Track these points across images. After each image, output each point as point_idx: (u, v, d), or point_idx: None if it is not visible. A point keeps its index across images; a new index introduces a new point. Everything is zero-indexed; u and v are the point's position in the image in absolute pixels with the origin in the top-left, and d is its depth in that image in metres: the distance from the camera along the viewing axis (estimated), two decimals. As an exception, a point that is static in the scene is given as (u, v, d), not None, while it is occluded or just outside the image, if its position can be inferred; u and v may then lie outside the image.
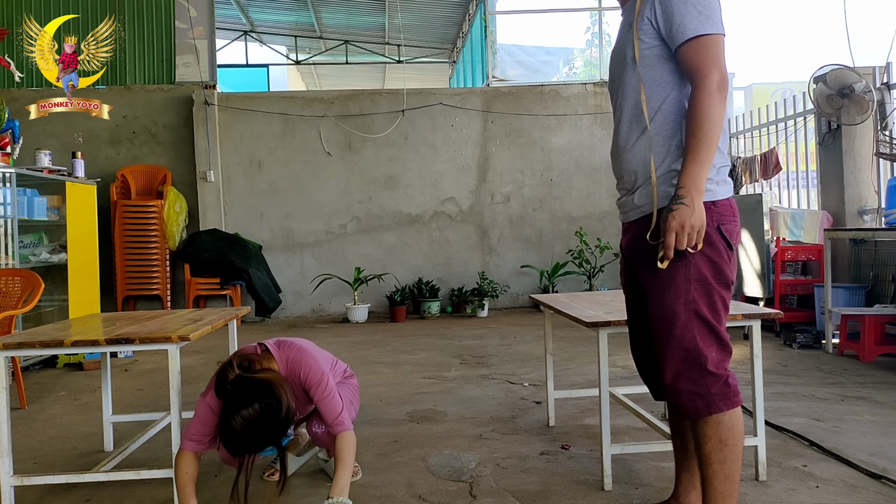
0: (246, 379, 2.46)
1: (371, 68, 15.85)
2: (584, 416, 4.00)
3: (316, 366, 2.73)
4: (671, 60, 2.16)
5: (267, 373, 2.55)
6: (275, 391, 2.44)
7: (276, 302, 8.54)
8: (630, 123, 2.23)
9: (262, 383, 2.45)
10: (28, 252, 6.07)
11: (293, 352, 2.76)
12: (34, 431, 4.08)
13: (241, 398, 2.40)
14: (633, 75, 2.20)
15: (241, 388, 2.43)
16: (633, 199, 2.24)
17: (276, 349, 2.76)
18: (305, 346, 2.83)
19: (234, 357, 2.59)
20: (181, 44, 9.04)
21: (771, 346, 5.91)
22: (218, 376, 2.51)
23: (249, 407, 2.38)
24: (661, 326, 2.16)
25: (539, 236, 9.20)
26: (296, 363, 2.72)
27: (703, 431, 2.18)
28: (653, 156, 2.17)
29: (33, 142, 7.05)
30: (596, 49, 9.88)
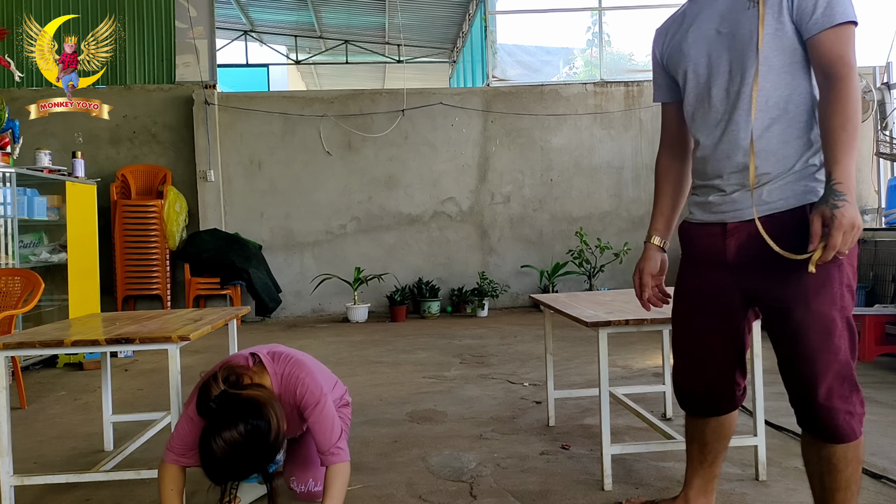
0: (231, 396, 2.20)
1: (371, 68, 15.84)
2: (584, 415, 4.00)
3: (314, 384, 2.44)
4: (798, 44, 1.93)
5: (256, 389, 2.29)
6: (263, 411, 2.18)
7: (276, 302, 8.53)
8: (760, 113, 1.94)
9: (249, 402, 2.19)
10: (28, 252, 6.07)
11: (289, 366, 2.47)
12: (34, 431, 4.08)
13: (224, 418, 2.14)
14: (753, 58, 1.93)
15: (225, 406, 2.17)
16: (752, 195, 1.95)
17: (271, 362, 2.48)
18: (304, 360, 2.56)
19: (219, 369, 2.32)
20: (181, 43, 9.04)
21: (771, 345, 5.90)
22: (200, 391, 2.24)
23: (233, 429, 2.11)
24: (815, 337, 1.92)
25: (539, 236, 9.19)
26: (292, 379, 2.44)
27: (844, 455, 1.97)
28: (788, 149, 1.94)
29: (33, 141, 7.05)
30: (596, 49, 9.88)
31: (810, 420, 2.01)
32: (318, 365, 2.75)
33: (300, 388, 2.41)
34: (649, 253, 2.37)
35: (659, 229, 2.37)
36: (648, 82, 9.31)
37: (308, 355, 2.72)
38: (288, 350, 2.59)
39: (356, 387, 4.94)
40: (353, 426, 3.89)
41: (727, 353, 2.20)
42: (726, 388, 2.25)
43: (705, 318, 2.18)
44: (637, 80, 9.34)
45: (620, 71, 9.80)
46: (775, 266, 1.93)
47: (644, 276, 2.36)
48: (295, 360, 2.51)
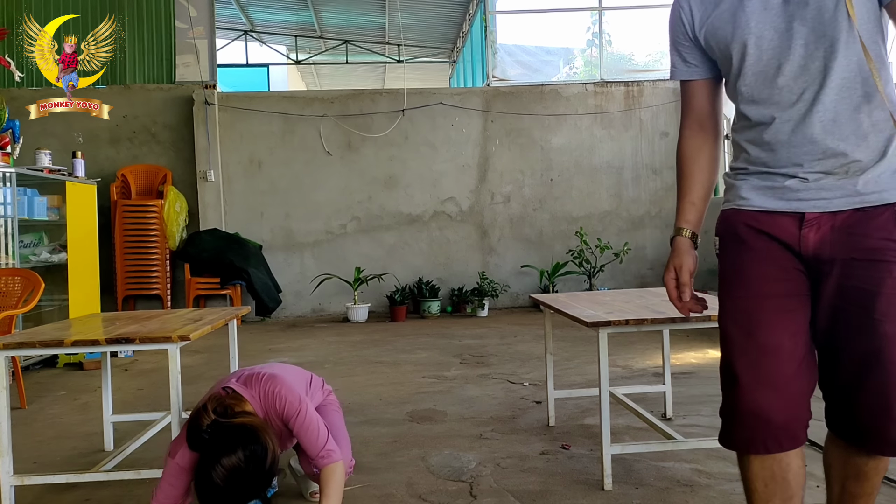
0: (224, 424, 2.21)
1: (371, 68, 15.85)
2: (584, 415, 4.00)
3: (291, 394, 2.47)
4: (882, 15, 1.70)
5: (247, 417, 2.30)
6: (258, 436, 2.20)
7: (276, 302, 8.53)
8: (849, 92, 1.66)
9: (243, 428, 2.21)
10: (28, 252, 6.07)
11: (264, 384, 2.48)
12: (34, 431, 4.09)
13: (221, 446, 2.14)
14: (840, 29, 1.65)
15: (221, 434, 2.17)
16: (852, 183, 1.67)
17: (245, 388, 2.49)
18: (276, 372, 2.57)
19: (206, 401, 2.34)
20: (181, 43, 9.04)
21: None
22: (190, 425, 2.23)
23: (232, 455, 2.12)
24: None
25: (539, 236, 9.19)
26: (270, 396, 2.46)
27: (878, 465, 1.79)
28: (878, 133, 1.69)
29: (33, 141, 7.04)
30: (596, 49, 9.88)
31: (859, 431, 1.74)
32: (289, 371, 2.75)
33: (279, 402, 2.43)
34: (683, 247, 1.97)
35: (691, 221, 1.99)
36: (649, 82, 9.32)
37: (277, 364, 2.76)
38: (256, 369, 2.60)
39: (356, 387, 4.94)
40: (354, 425, 3.89)
41: (805, 357, 1.75)
42: (805, 406, 1.75)
43: (779, 311, 1.76)
44: (637, 80, 9.35)
45: (620, 71, 9.80)
46: (865, 268, 1.67)
47: (683, 274, 1.95)
48: (267, 376, 2.51)
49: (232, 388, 2.49)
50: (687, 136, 2.03)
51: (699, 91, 1.98)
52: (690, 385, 4.63)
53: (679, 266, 1.96)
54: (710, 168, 2.01)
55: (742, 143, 1.85)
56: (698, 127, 2.01)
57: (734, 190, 1.87)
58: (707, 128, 2.00)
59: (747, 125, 1.82)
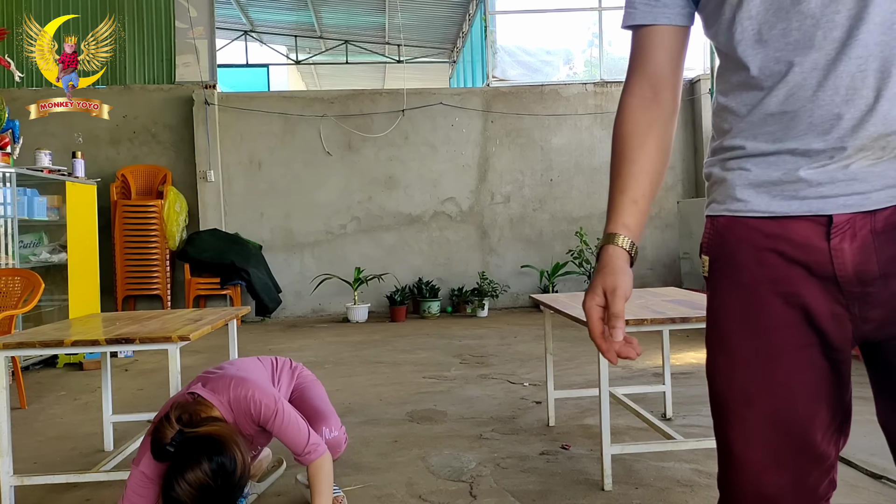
0: (189, 435, 2.07)
1: (371, 68, 15.85)
2: (584, 416, 4.00)
3: (264, 395, 2.34)
4: None
5: (213, 424, 2.16)
6: (226, 446, 2.06)
7: (275, 302, 8.53)
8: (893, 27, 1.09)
9: (208, 439, 2.07)
10: (28, 252, 6.07)
11: (232, 389, 2.35)
12: (34, 431, 4.09)
13: (186, 459, 2.01)
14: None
15: (185, 446, 2.04)
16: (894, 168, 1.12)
17: (212, 394, 2.35)
18: (240, 374, 2.44)
19: (169, 410, 2.18)
20: (181, 43, 9.05)
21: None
22: (153, 437, 2.09)
23: (196, 468, 1.99)
24: None
25: (539, 236, 9.20)
26: (241, 401, 2.33)
27: None
28: None
29: (33, 142, 7.05)
30: (596, 49, 9.88)
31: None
32: (251, 367, 2.65)
33: (253, 407, 2.32)
34: (616, 262, 1.29)
35: (629, 225, 1.34)
36: (648, 82, 9.31)
37: (239, 361, 2.66)
38: (221, 372, 2.47)
39: (356, 387, 4.94)
40: (353, 425, 3.89)
41: (831, 427, 1.25)
42: (822, 476, 1.25)
43: (797, 370, 1.23)
44: (637, 81, 9.32)
45: (620, 71, 9.80)
46: None
47: (615, 302, 1.23)
48: (235, 380, 2.38)
49: (196, 392, 2.35)
50: (635, 107, 1.44)
51: (662, 43, 1.41)
52: (690, 385, 4.63)
53: (611, 289, 1.24)
54: (662, 153, 1.45)
55: (734, 112, 1.26)
56: (652, 94, 1.42)
57: (724, 186, 1.33)
58: (663, 97, 1.43)
59: (744, 82, 1.24)
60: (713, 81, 8.76)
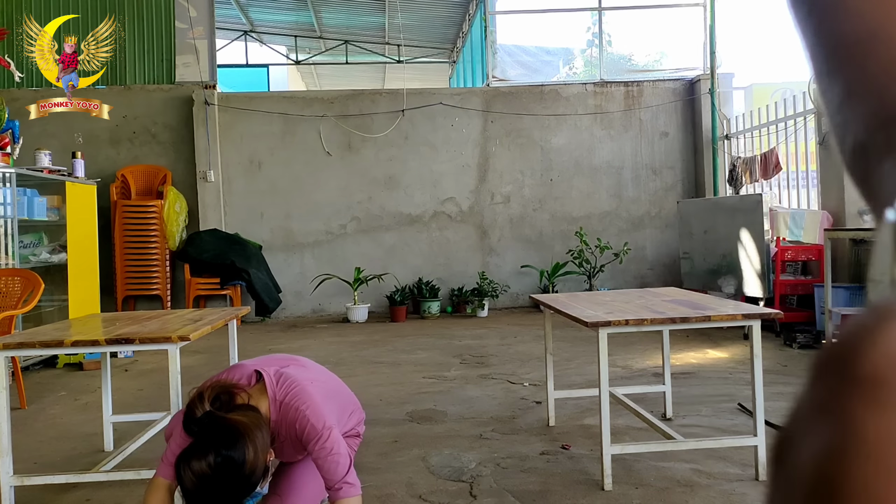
0: (214, 419, 2.00)
1: (371, 68, 15.85)
2: (583, 416, 4.00)
3: (316, 416, 2.20)
4: None
5: (243, 414, 2.06)
6: (242, 441, 1.96)
7: (276, 302, 8.53)
8: None
9: (230, 430, 1.97)
10: (28, 252, 6.07)
11: (291, 395, 2.23)
12: (34, 431, 4.08)
13: (200, 445, 1.94)
14: None
15: (205, 431, 1.97)
16: None
17: (273, 384, 2.25)
18: (310, 388, 2.29)
19: (209, 386, 2.10)
20: (181, 44, 9.04)
21: (771, 346, 5.92)
22: (186, 409, 2.06)
23: (202, 459, 1.91)
24: None
25: (539, 236, 9.20)
26: (291, 410, 2.20)
27: None
28: None
29: (33, 142, 7.05)
30: (596, 49, 9.88)
31: None
32: (331, 390, 2.51)
33: (300, 421, 2.19)
34: None
35: None
36: (648, 82, 9.33)
37: (323, 377, 2.51)
38: (297, 374, 2.32)
39: (356, 387, 4.92)
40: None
41: None
42: None
43: None
44: (637, 81, 9.35)
45: (620, 71, 9.81)
46: None
47: None
48: (299, 388, 2.25)
49: (264, 374, 2.26)
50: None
51: None
52: (690, 385, 4.63)
53: None
54: None
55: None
56: None
57: None
58: None
59: None
60: (713, 81, 8.77)
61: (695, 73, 9.27)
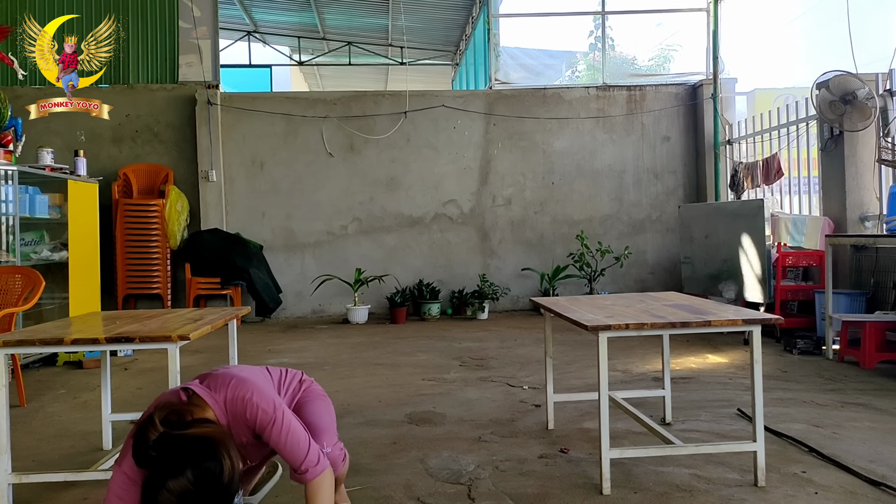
0: (174, 438, 1.87)
1: (374, 70, 15.86)
2: (583, 419, 4.00)
3: (264, 400, 2.16)
4: None
5: (201, 426, 1.96)
6: (214, 451, 1.86)
7: (276, 302, 8.53)
8: None
9: (195, 442, 1.87)
10: (29, 250, 6.07)
11: (230, 389, 2.16)
12: (33, 429, 4.08)
13: (169, 465, 1.81)
14: None
15: (168, 451, 1.84)
16: None
17: (208, 391, 2.16)
18: (243, 375, 2.25)
19: (154, 410, 1.98)
20: (184, 43, 9.06)
21: (771, 351, 5.91)
22: (135, 440, 1.90)
23: (180, 476, 1.78)
24: None
25: (540, 239, 9.19)
26: (238, 403, 2.13)
27: None
28: None
29: (36, 139, 7.06)
30: (599, 53, 9.89)
31: None
32: (258, 371, 2.46)
33: (250, 410, 2.13)
34: None
35: None
36: (651, 87, 9.34)
37: (244, 366, 2.45)
38: (223, 371, 2.28)
39: (355, 388, 4.94)
40: (352, 427, 3.89)
41: None
42: None
43: None
44: (639, 85, 9.35)
45: (623, 75, 9.81)
46: None
47: None
48: (236, 379, 2.19)
49: (192, 389, 2.16)
50: None
51: None
52: (690, 390, 4.63)
53: None
54: None
55: None
56: None
57: None
58: None
59: None
60: (715, 86, 8.77)
61: (697, 78, 9.27)
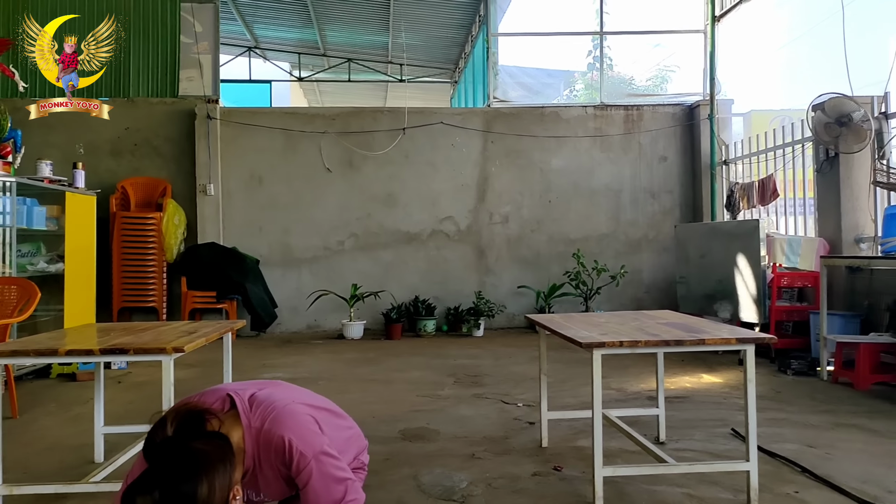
0: (172, 448, 1.71)
1: (373, 86, 15.95)
2: (577, 437, 3.99)
3: (305, 443, 1.96)
4: None
5: (210, 443, 1.77)
6: (197, 474, 1.66)
7: (271, 317, 8.52)
8: None
9: (186, 460, 1.68)
10: (26, 261, 6.07)
11: (271, 419, 1.96)
12: (24, 441, 4.06)
13: (149, 476, 1.65)
14: None
15: (160, 459, 1.69)
16: None
17: (248, 410, 1.98)
18: (293, 409, 2.02)
19: (177, 409, 1.83)
20: (185, 58, 9.10)
21: (765, 372, 5.91)
22: (149, 431, 1.79)
23: (148, 494, 1.60)
24: None
25: (536, 257, 9.21)
26: (272, 438, 1.95)
27: None
28: None
29: (35, 151, 7.07)
30: (597, 72, 9.96)
31: None
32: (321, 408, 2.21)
33: (288, 451, 1.95)
34: None
35: None
36: (648, 106, 9.40)
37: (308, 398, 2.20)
38: (275, 396, 2.06)
39: (348, 403, 4.91)
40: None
41: None
42: None
43: None
44: (637, 105, 9.41)
45: (621, 95, 9.88)
46: None
47: None
48: (278, 413, 1.99)
49: (235, 399, 1.99)
50: None
51: None
52: (684, 409, 4.63)
53: None
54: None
55: None
56: None
57: None
58: None
59: None
60: (712, 107, 8.83)
61: (694, 99, 9.34)
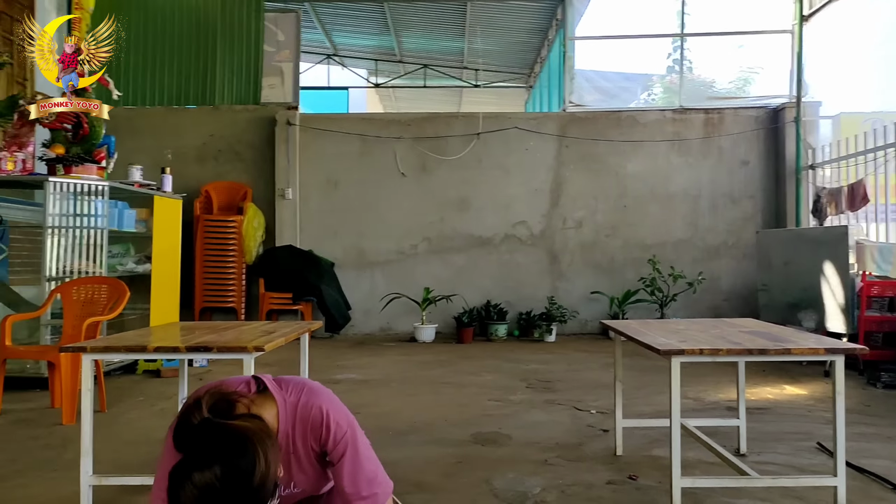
0: (214, 426, 1.66)
1: (447, 91, 16.04)
2: (652, 446, 3.90)
3: (340, 415, 1.92)
4: None
5: (248, 420, 1.73)
6: (250, 448, 1.63)
7: (345, 319, 8.66)
8: None
9: (234, 435, 1.64)
10: (115, 261, 6.35)
11: (305, 394, 1.93)
12: (112, 434, 4.25)
13: (199, 456, 1.59)
14: None
15: (205, 439, 1.63)
16: None
17: (278, 388, 1.95)
18: (322, 388, 2.01)
19: (206, 392, 1.75)
20: (268, 66, 9.38)
21: (854, 384, 5.64)
22: (179, 418, 1.70)
23: (206, 471, 1.56)
24: None
25: (610, 263, 9.06)
26: (309, 409, 1.91)
27: None
28: None
29: (126, 157, 7.38)
30: (676, 75, 9.74)
31: None
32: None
33: (325, 421, 1.90)
34: None
35: None
36: (730, 110, 9.14)
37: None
38: (298, 378, 2.05)
39: (421, 406, 4.95)
40: (418, 445, 3.90)
41: None
42: None
43: None
44: (718, 108, 9.16)
45: (700, 98, 9.63)
46: None
47: None
48: (310, 387, 1.97)
49: (264, 381, 1.96)
50: None
51: None
52: (766, 421, 4.46)
53: None
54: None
55: None
56: None
57: None
58: None
59: None
60: (799, 110, 8.51)
61: (780, 101, 9.02)
